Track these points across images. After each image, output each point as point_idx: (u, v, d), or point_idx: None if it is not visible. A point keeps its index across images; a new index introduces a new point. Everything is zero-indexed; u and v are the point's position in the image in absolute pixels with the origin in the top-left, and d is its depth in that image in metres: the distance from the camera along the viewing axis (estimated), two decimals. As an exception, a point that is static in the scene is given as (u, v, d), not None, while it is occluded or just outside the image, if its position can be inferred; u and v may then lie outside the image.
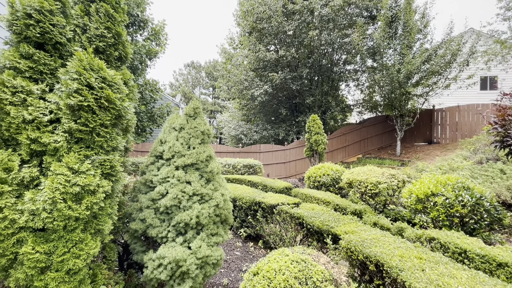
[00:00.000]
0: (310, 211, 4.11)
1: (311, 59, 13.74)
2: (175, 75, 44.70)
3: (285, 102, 15.59)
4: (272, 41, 14.07)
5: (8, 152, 1.74)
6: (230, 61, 16.57)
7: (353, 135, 14.49)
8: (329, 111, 14.40)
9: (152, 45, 11.95)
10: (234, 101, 19.63)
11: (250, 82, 14.19)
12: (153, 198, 2.40)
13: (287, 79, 13.17)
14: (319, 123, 9.28)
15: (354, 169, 5.93)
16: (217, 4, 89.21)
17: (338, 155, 14.01)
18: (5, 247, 1.64)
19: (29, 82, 1.89)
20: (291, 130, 14.53)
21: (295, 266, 2.11)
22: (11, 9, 1.96)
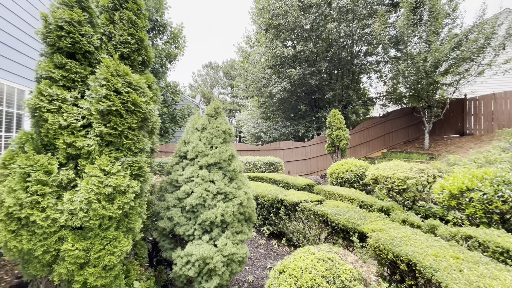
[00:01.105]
0: (335, 208, 4.02)
1: (330, 52, 13.39)
2: (194, 76, 45.67)
3: (304, 98, 15.35)
4: (289, 36, 13.88)
5: (47, 156, 1.88)
6: (247, 60, 16.60)
7: (377, 129, 13.95)
8: (350, 105, 13.96)
9: (172, 48, 12.27)
10: (253, 99, 19.67)
11: (268, 79, 14.13)
12: (179, 197, 2.47)
13: (305, 75, 12.95)
14: (340, 118, 9.04)
15: (380, 164, 5.70)
16: (232, 3, 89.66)
17: (361, 151, 13.57)
18: (49, 244, 1.77)
19: (63, 90, 2.01)
20: (311, 126, 14.28)
21: (321, 265, 2.07)
22: (45, 23, 2.10)
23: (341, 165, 6.73)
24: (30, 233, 1.74)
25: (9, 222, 1.71)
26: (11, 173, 1.75)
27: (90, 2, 2.30)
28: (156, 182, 3.09)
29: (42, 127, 1.94)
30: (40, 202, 1.75)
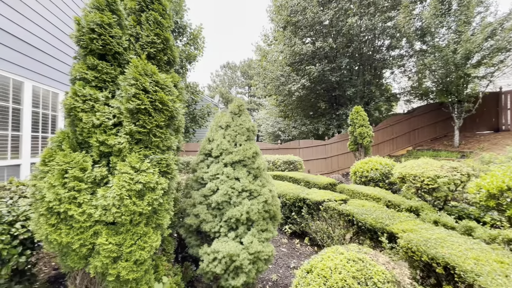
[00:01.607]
0: (360, 207, 3.88)
1: (351, 48, 13.00)
2: (212, 76, 46.41)
3: (323, 96, 15.04)
4: (307, 33, 13.65)
5: (82, 154, 1.96)
6: (265, 58, 16.54)
7: (401, 126, 13.35)
8: (373, 102, 13.47)
9: (191, 49, 12.50)
10: (271, 98, 19.58)
11: (286, 77, 13.99)
12: (205, 194, 2.49)
13: (325, 71, 12.67)
14: (363, 115, 8.74)
15: (407, 163, 5.44)
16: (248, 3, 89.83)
17: (385, 148, 13.06)
18: (85, 238, 1.85)
19: (95, 90, 2.09)
20: (331, 124, 13.96)
21: (352, 265, 1.99)
22: (78, 26, 2.19)
23: (365, 164, 6.50)
24: (68, 227, 1.82)
25: (50, 216, 1.80)
26: (50, 169, 1.85)
27: (119, 5, 2.37)
28: (181, 180, 3.14)
29: (77, 126, 2.02)
30: (76, 197, 1.82)
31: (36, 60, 4.27)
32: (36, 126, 4.28)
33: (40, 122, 4.39)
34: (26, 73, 4.03)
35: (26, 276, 2.59)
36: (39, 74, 4.35)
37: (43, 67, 4.44)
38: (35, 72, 4.25)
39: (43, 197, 1.82)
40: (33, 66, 4.20)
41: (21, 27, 3.94)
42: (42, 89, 4.44)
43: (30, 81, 4.13)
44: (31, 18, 4.15)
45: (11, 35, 3.76)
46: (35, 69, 4.25)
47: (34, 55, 4.21)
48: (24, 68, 4.00)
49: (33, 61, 4.20)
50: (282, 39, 14.41)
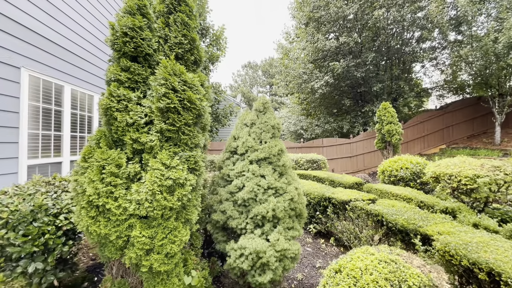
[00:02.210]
0: (390, 208, 3.71)
1: (377, 41, 12.46)
2: (234, 76, 46.85)
3: (348, 92, 14.58)
4: (331, 28, 13.30)
5: (117, 151, 2.07)
6: (287, 56, 16.39)
7: (433, 123, 12.56)
8: (402, 98, 12.80)
9: (214, 50, 12.73)
10: (293, 96, 19.38)
11: (309, 74, 13.75)
12: (231, 191, 2.53)
13: (350, 67, 12.27)
14: (391, 111, 8.34)
15: (441, 161, 5.10)
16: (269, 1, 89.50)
17: (415, 147, 12.37)
18: (121, 230, 1.96)
19: (128, 90, 2.20)
20: (357, 121, 13.49)
21: (384, 267, 1.91)
22: (112, 31, 2.32)
23: (394, 162, 6.20)
24: (106, 220, 1.94)
25: (90, 209, 1.93)
26: (90, 165, 1.98)
27: (149, 9, 2.47)
28: (207, 177, 3.21)
29: (112, 125, 2.14)
30: (113, 192, 1.94)
31: (74, 65, 4.60)
32: (74, 127, 4.61)
33: (78, 123, 4.72)
34: (65, 78, 4.36)
35: (69, 264, 2.80)
36: (77, 78, 4.67)
37: (80, 72, 4.77)
38: (73, 76, 4.57)
39: (84, 191, 1.96)
40: (71, 70, 4.53)
41: (60, 34, 4.27)
42: (80, 92, 4.77)
43: (69, 85, 4.46)
44: (68, 25, 4.47)
45: (53, 42, 4.08)
46: (73, 73, 4.57)
47: (72, 60, 4.54)
48: (64, 73, 4.32)
49: (71, 66, 4.53)
50: (304, 36, 14.18)
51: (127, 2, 2.38)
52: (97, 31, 5.31)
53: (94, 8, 5.24)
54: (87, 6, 4.98)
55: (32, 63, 3.67)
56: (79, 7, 4.74)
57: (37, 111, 3.76)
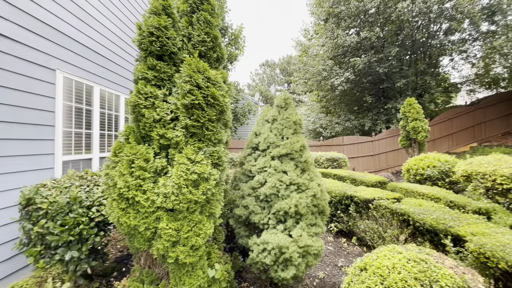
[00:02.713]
0: (417, 207, 3.56)
1: (401, 35, 11.95)
2: (252, 75, 47.04)
3: (370, 89, 14.12)
4: (351, 23, 12.94)
5: (145, 146, 2.16)
6: (305, 53, 16.17)
7: (463, 120, 11.83)
8: (427, 93, 12.18)
9: (232, 49, 12.84)
10: (311, 94, 19.09)
11: (328, 71, 13.48)
12: (253, 186, 2.55)
13: (371, 63, 11.87)
14: (417, 108, 7.96)
15: (473, 159, 4.80)
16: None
17: (442, 145, 11.74)
18: (149, 222, 2.04)
19: (155, 88, 2.28)
20: (379, 119, 13.04)
21: (413, 266, 1.83)
22: (139, 31, 2.41)
23: (420, 160, 5.92)
24: (135, 212, 2.03)
25: (120, 201, 2.03)
26: (120, 160, 2.08)
27: (173, 8, 2.55)
28: (229, 173, 3.25)
29: (140, 121, 2.24)
30: (142, 185, 2.02)
31: (102, 66, 4.84)
32: (103, 125, 4.85)
33: (106, 122, 4.97)
34: (95, 78, 4.60)
35: (100, 254, 2.96)
36: (104, 78, 4.92)
37: (107, 72, 5.01)
38: (101, 77, 4.81)
39: (115, 184, 2.06)
40: (100, 72, 4.77)
41: (90, 37, 4.51)
42: (107, 92, 5.01)
43: (98, 85, 4.70)
44: (96, 28, 4.71)
45: (83, 45, 4.32)
46: (101, 74, 4.81)
47: (100, 62, 4.78)
48: (93, 74, 4.56)
49: (100, 67, 4.77)
50: (324, 32, 13.91)
51: (153, 2, 2.46)
52: (122, 33, 5.55)
53: (120, 11, 5.47)
54: (113, 10, 5.22)
55: (66, 65, 3.91)
56: (106, 11, 4.97)
57: (70, 111, 4.00)
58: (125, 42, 5.65)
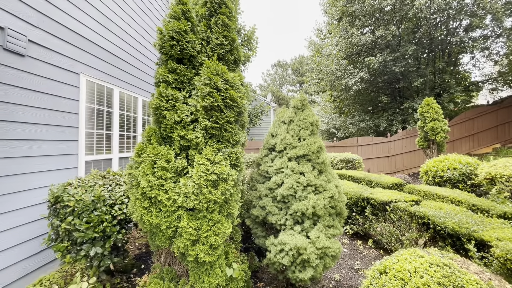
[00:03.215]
0: (437, 210, 3.46)
1: (418, 33, 11.60)
2: (263, 76, 47.02)
3: (385, 88, 13.80)
4: (366, 22, 12.70)
5: (167, 147, 2.23)
6: (319, 53, 16.02)
7: (485, 120, 11.36)
8: (446, 93, 11.76)
9: (245, 50, 12.90)
10: (325, 94, 18.88)
11: (342, 71, 13.29)
12: (270, 187, 2.56)
13: (387, 62, 11.60)
14: (436, 107, 7.72)
15: (498, 161, 4.61)
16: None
17: (462, 146, 11.31)
18: (170, 221, 2.10)
19: (175, 91, 2.35)
20: (395, 119, 12.72)
21: (436, 270, 1.79)
22: (160, 35, 2.48)
23: (440, 162, 5.74)
24: (157, 210, 2.10)
25: (143, 200, 2.11)
26: (143, 160, 2.16)
27: (192, 13, 2.61)
28: (245, 174, 3.29)
29: (162, 123, 2.31)
30: (163, 185, 2.09)
31: (121, 70, 5.01)
32: (122, 126, 5.02)
33: (125, 123, 5.14)
34: (115, 81, 4.77)
35: (121, 251, 3.07)
36: (123, 81, 5.08)
37: (126, 75, 5.18)
38: (121, 80, 4.98)
39: (138, 184, 2.14)
40: (119, 75, 4.94)
41: (110, 42, 4.68)
42: (126, 95, 5.18)
43: (118, 88, 4.87)
44: (117, 33, 4.88)
45: (104, 49, 4.49)
46: (121, 77, 4.98)
47: (119, 65, 4.95)
48: (113, 77, 4.73)
49: (119, 71, 4.94)
50: (338, 31, 13.74)
51: (173, 8, 2.53)
52: (139, 37, 5.72)
53: (138, 16, 5.64)
54: (132, 15, 5.39)
55: (88, 69, 4.08)
56: (126, 16, 5.14)
57: (92, 112, 4.17)
58: (142, 45, 5.82)
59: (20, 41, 2.95)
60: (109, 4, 4.61)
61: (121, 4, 4.97)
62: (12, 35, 2.85)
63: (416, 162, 11.12)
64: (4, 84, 2.79)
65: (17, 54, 2.93)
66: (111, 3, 4.68)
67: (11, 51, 2.86)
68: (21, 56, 2.98)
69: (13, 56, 2.89)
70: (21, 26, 2.99)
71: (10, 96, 2.85)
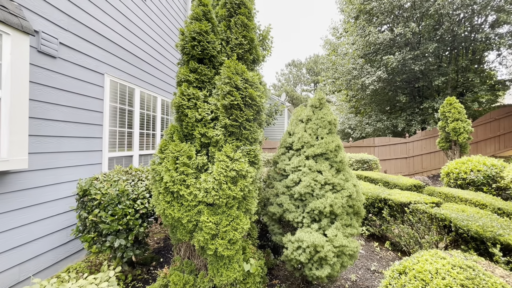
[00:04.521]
0: (460, 213, 3.35)
1: (440, 30, 11.18)
2: (277, 76, 46.92)
3: (403, 88, 13.41)
4: (384, 20, 12.40)
5: (188, 144, 2.31)
6: (334, 52, 15.81)
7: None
8: (470, 92, 11.27)
9: (260, 50, 12.94)
10: (340, 94, 18.60)
11: (359, 70, 13.04)
12: (287, 185, 2.59)
13: (406, 60, 11.27)
14: (458, 107, 7.43)
15: (526, 163, 4.38)
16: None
17: (487, 148, 10.80)
18: (191, 215, 2.18)
19: (197, 90, 2.42)
20: (414, 119, 12.33)
21: (459, 272, 1.76)
22: (182, 36, 2.57)
23: (462, 164, 5.53)
24: (179, 205, 2.19)
25: (166, 194, 2.20)
26: (166, 156, 2.25)
27: (212, 14, 2.68)
28: (262, 171, 3.33)
29: (183, 120, 2.39)
30: (185, 180, 2.17)
31: (142, 70, 5.19)
32: (142, 124, 5.21)
33: (145, 121, 5.32)
34: (136, 81, 4.95)
35: (142, 244, 3.20)
36: (144, 81, 5.27)
37: (146, 75, 5.36)
38: (141, 80, 5.17)
39: (161, 179, 2.23)
40: (140, 75, 5.12)
41: (132, 43, 4.86)
42: (146, 94, 5.36)
43: (139, 88, 5.05)
44: (137, 34, 5.06)
45: (126, 50, 4.68)
46: (141, 77, 5.17)
47: (140, 65, 5.14)
48: (134, 77, 4.92)
49: (140, 71, 5.13)
50: (354, 29, 13.50)
51: (194, 9, 2.61)
52: (159, 38, 5.90)
53: (158, 18, 5.82)
54: (153, 17, 5.57)
55: (112, 69, 4.26)
56: (147, 19, 5.32)
57: (114, 111, 4.36)
58: (161, 45, 6.00)
59: (52, 43, 3.14)
60: (131, 6, 4.79)
61: (142, 6, 5.15)
62: (45, 38, 3.05)
63: (436, 164, 10.74)
64: (39, 84, 2.98)
65: (49, 56, 3.12)
66: (133, 6, 4.86)
67: (45, 53, 3.05)
68: (53, 58, 3.17)
69: (46, 58, 3.08)
70: (53, 30, 3.19)
71: (43, 95, 3.05)
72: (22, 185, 2.83)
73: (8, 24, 2.52)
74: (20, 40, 2.66)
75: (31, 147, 2.90)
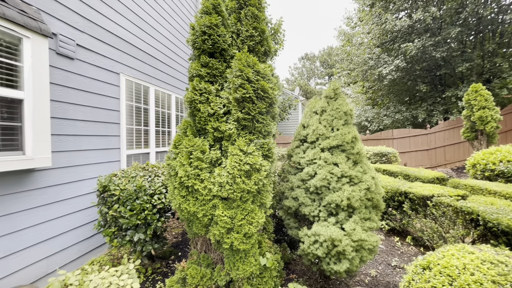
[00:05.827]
0: (489, 206, 3.15)
1: (463, 14, 10.50)
2: (290, 70, 46.33)
3: (423, 76, 12.79)
4: (402, 6, 11.83)
5: (201, 139, 2.31)
6: (349, 42, 15.33)
7: (547, 107, 9.99)
8: (498, 78, 10.55)
9: (272, 43, 12.78)
10: (355, 85, 18.06)
11: (375, 60, 12.57)
12: (303, 178, 2.54)
13: (426, 47, 10.72)
14: (485, 94, 6.97)
15: None
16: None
17: (517, 137, 10.09)
18: (206, 209, 2.19)
19: (208, 84, 2.41)
20: (435, 109, 11.76)
21: (489, 268, 1.64)
22: (192, 31, 2.56)
23: (491, 154, 5.20)
24: (194, 199, 2.20)
25: (181, 189, 2.22)
26: (180, 151, 2.26)
27: (222, 7, 2.64)
28: (277, 165, 3.29)
29: (196, 115, 2.39)
30: (199, 174, 2.17)
31: (156, 68, 5.27)
32: (157, 122, 5.31)
33: (160, 119, 5.42)
34: (150, 80, 5.04)
35: (160, 238, 3.27)
36: (158, 79, 5.35)
37: (160, 74, 5.44)
38: (156, 78, 5.25)
39: (176, 173, 2.25)
40: (154, 73, 5.20)
41: (146, 42, 4.94)
42: (161, 92, 5.45)
43: (153, 86, 5.14)
44: (151, 33, 5.13)
45: (141, 50, 4.76)
46: (155, 76, 5.25)
47: (154, 64, 5.22)
48: (149, 76, 5.01)
49: (154, 69, 5.21)
50: (370, 18, 12.99)
51: (204, 3, 2.59)
52: (171, 36, 5.95)
53: (171, 17, 5.87)
54: (165, 16, 5.62)
55: (127, 69, 4.36)
56: (160, 18, 5.38)
57: (131, 109, 4.46)
58: (173, 43, 6.06)
59: (70, 45, 3.24)
60: (142, 5, 4.85)
61: (153, 5, 5.20)
62: (63, 40, 3.15)
63: (460, 155, 10.20)
64: (58, 85, 3.09)
65: (67, 57, 3.23)
66: (145, 4, 4.92)
67: (63, 55, 3.16)
68: (70, 59, 3.28)
69: (64, 60, 3.19)
70: (70, 32, 3.28)
71: (63, 96, 3.16)
72: (46, 182, 2.96)
73: (28, 28, 2.61)
74: (39, 43, 2.76)
75: (53, 146, 3.03)
